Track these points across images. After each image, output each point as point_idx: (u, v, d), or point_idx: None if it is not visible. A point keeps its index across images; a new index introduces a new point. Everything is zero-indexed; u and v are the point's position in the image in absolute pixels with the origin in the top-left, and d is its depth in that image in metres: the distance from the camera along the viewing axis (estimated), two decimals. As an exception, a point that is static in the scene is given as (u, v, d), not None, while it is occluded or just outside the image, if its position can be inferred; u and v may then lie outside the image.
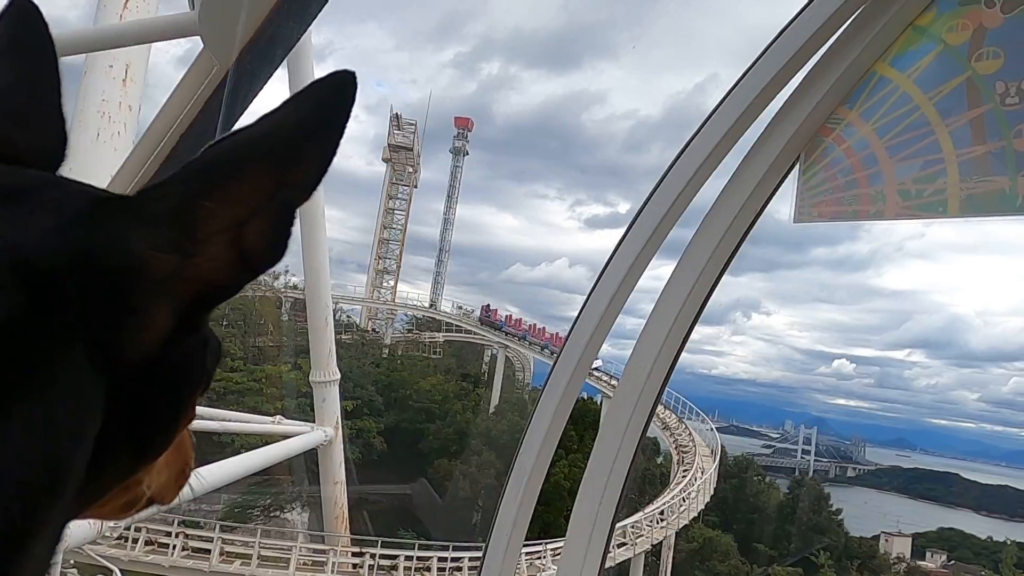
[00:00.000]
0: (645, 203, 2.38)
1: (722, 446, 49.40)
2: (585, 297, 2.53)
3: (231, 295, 0.47)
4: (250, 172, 0.44)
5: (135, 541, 22.62)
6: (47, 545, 0.41)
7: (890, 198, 1.99)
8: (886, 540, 53.83)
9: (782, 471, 77.72)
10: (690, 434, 38.54)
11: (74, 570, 14.61)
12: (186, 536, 23.73)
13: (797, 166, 2.13)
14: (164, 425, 0.50)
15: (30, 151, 0.52)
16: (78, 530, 9.00)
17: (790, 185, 2.14)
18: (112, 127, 6.48)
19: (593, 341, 2.45)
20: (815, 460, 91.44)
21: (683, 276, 2.33)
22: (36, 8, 0.58)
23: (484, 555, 2.37)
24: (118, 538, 20.87)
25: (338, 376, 14.32)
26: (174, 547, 23.24)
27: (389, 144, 65.76)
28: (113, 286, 0.43)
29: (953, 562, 54.12)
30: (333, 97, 0.46)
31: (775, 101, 2.14)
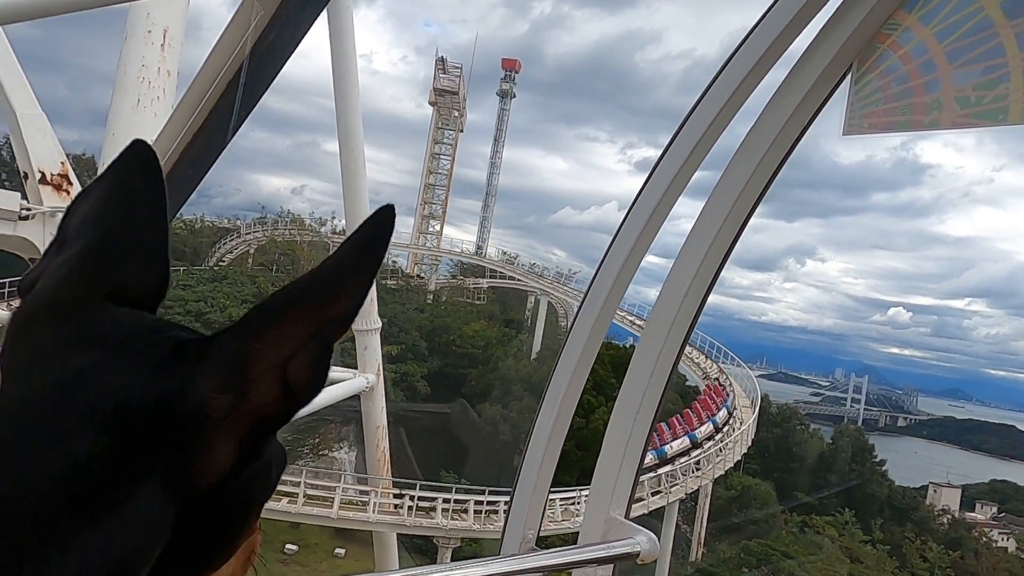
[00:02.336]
0: (680, 127, 2.18)
1: (764, 395, 49.22)
2: (615, 231, 2.38)
3: (282, 425, 0.54)
4: (294, 314, 0.50)
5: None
6: None
7: (947, 106, 1.83)
8: (934, 491, 53.25)
9: (830, 419, 77.17)
10: (731, 384, 38.39)
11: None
12: (237, 475, 24.70)
13: (849, 76, 1.92)
14: (227, 541, 0.57)
15: (140, 293, 0.58)
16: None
17: (838, 104, 1.93)
18: (152, 92, 6.60)
19: (620, 278, 2.30)
20: (865, 409, 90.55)
21: (723, 195, 2.14)
22: (152, 153, 0.63)
23: (512, 496, 2.29)
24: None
25: (379, 325, 14.62)
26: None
27: (435, 88, 65.31)
28: (183, 426, 0.49)
29: (1004, 514, 53.32)
30: (372, 232, 0.51)
31: (827, 8, 1.94)
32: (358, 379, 14.13)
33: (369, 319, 14.78)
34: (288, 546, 31.44)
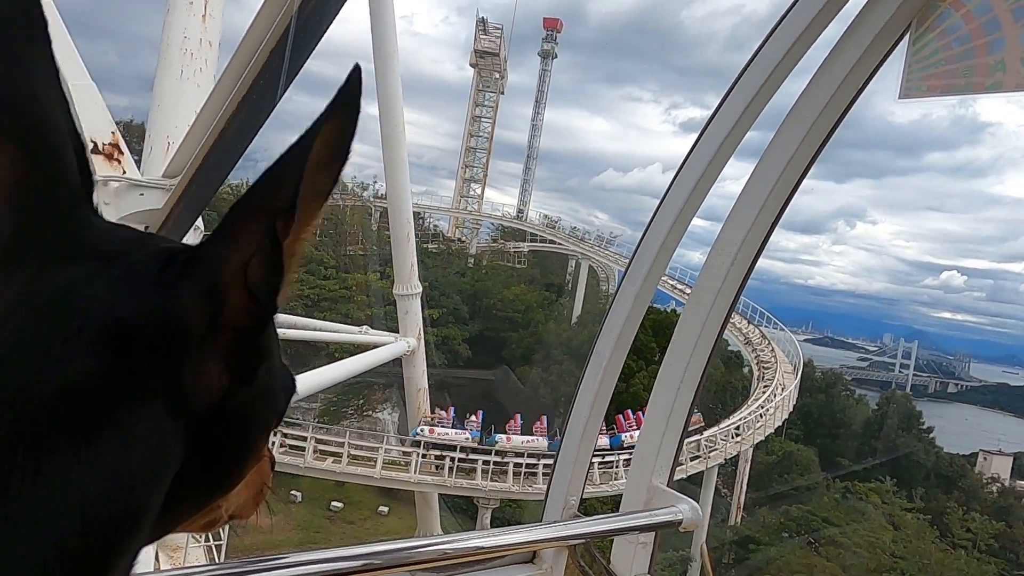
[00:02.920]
0: (732, 86, 2.12)
1: (809, 360, 48.48)
2: (662, 196, 2.34)
3: (256, 337, 0.52)
4: (245, 211, 0.48)
5: (238, 437, 24.46)
6: (124, 571, 0.46)
7: (1011, 67, 1.72)
8: (984, 459, 52.10)
9: (878, 385, 75.83)
10: (772, 350, 37.91)
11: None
12: (284, 435, 25.51)
13: (907, 36, 1.83)
14: (233, 465, 0.57)
15: (73, 192, 0.54)
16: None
17: (894, 61, 1.85)
18: (194, 64, 6.66)
19: (666, 246, 2.27)
20: (914, 375, 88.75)
21: (773, 159, 2.09)
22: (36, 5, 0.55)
23: (555, 462, 2.31)
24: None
25: (420, 289, 14.73)
26: (272, 443, 25.00)
27: (475, 50, 64.56)
28: (173, 343, 0.48)
29: (1057, 483, 52.08)
30: (315, 122, 0.48)
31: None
32: (399, 343, 14.31)
33: (409, 284, 14.91)
34: (334, 503, 32.28)
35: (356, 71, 0.49)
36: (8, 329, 0.45)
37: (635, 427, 28.61)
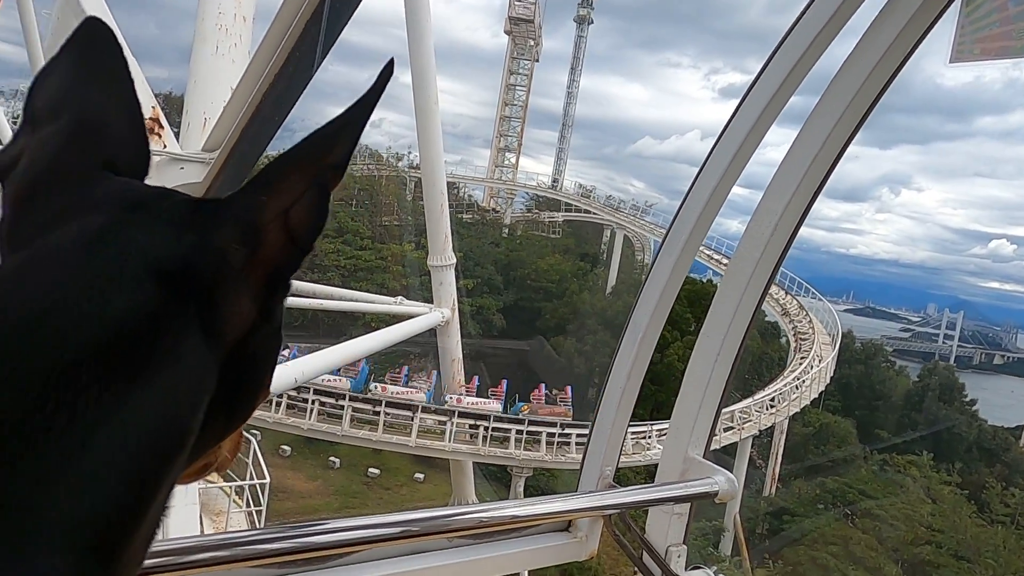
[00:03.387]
0: (775, 50, 2.07)
1: (848, 331, 47.69)
2: (701, 164, 2.30)
3: (290, 276, 0.57)
4: (295, 166, 0.53)
5: (278, 405, 25.03)
6: (167, 493, 0.50)
7: None
8: (1030, 432, 51.05)
9: (920, 356, 74.40)
10: (810, 321, 37.45)
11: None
12: (321, 403, 26.04)
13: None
14: (251, 397, 0.60)
15: (129, 170, 0.59)
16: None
17: (945, 23, 1.78)
18: (229, 39, 6.72)
19: (704, 216, 2.24)
20: (958, 346, 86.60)
21: (810, 137, 2.04)
22: (108, 28, 0.62)
23: (590, 432, 2.32)
24: (265, 404, 23.03)
25: (454, 260, 14.80)
26: (311, 411, 25.63)
27: (509, 16, 63.75)
28: (209, 279, 0.52)
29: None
30: (371, 90, 0.54)
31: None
32: (434, 314, 14.39)
33: (444, 255, 14.98)
34: (371, 470, 32.88)
35: (389, 66, 0.55)
36: (49, 268, 0.48)
37: (542, 403, 28.90)
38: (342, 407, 26.34)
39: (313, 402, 25.84)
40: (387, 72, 0.55)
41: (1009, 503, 32.58)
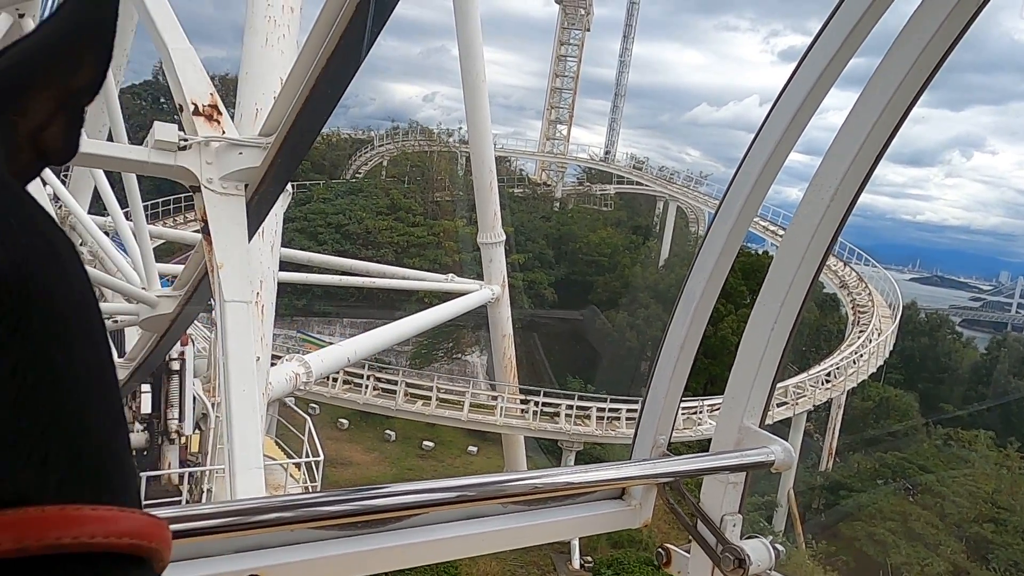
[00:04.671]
0: (825, 24, 2.00)
1: (912, 302, 46.17)
2: (756, 132, 2.25)
3: (31, 180, 0.56)
4: (40, 87, 0.53)
5: (335, 381, 25.63)
6: None
7: None
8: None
9: (992, 326, 71.68)
10: (870, 293, 36.42)
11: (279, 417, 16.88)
12: (376, 379, 26.59)
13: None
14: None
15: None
16: (278, 386, 10.86)
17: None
18: (277, 30, 6.88)
19: (761, 182, 2.19)
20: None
21: (870, 104, 1.97)
22: None
23: (644, 402, 2.32)
24: (323, 380, 23.60)
25: (503, 237, 14.90)
26: (366, 387, 26.20)
27: (560, -15, 62.88)
28: None
29: None
30: (96, 6, 0.53)
31: None
32: (484, 291, 14.51)
33: (493, 232, 15.07)
34: (425, 443, 33.46)
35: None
36: None
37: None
38: (396, 382, 26.88)
39: (368, 378, 26.41)
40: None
41: None
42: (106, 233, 12.13)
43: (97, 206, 13.78)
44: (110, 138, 8.46)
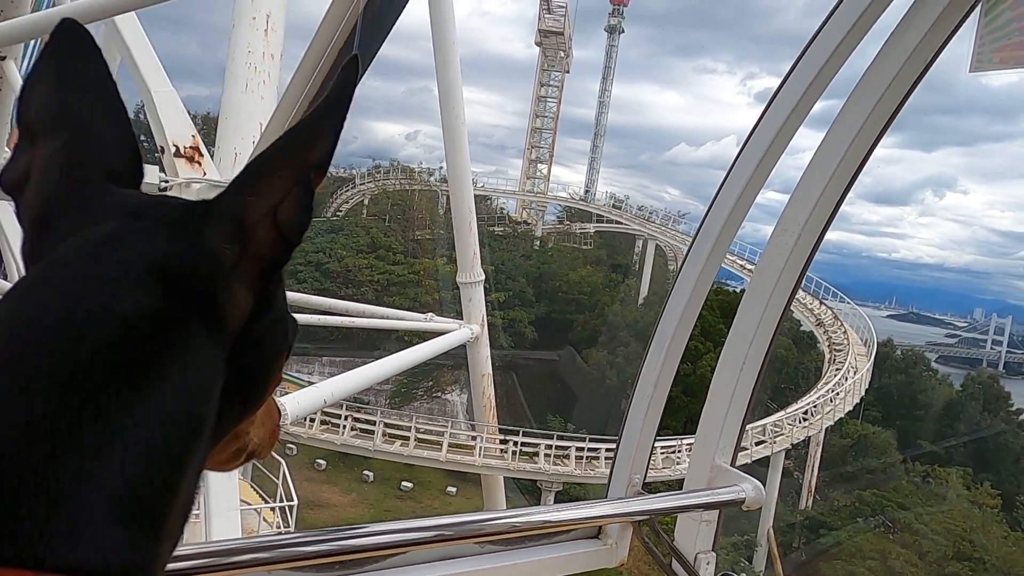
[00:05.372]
0: (794, 66, 2.09)
1: (887, 339, 46.64)
2: (726, 171, 2.32)
3: (283, 266, 0.61)
4: (277, 166, 0.57)
5: (312, 421, 25.39)
6: (195, 477, 0.54)
7: None
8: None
9: (967, 362, 72.41)
10: (845, 331, 36.80)
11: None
12: (354, 419, 26.35)
13: (979, 7, 1.77)
14: (261, 383, 0.65)
15: (127, 178, 0.63)
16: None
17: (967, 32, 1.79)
18: (258, 76, 6.94)
19: (731, 220, 2.25)
20: (1008, 352, 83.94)
21: (835, 143, 2.05)
22: (86, 30, 0.64)
23: (619, 440, 2.35)
24: (299, 421, 23.37)
25: (482, 277, 14.93)
26: (344, 427, 25.97)
27: (539, 29, 64.06)
28: (205, 276, 0.56)
29: None
30: (341, 80, 0.58)
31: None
32: (463, 330, 14.48)
33: (473, 272, 15.13)
34: (404, 484, 33.00)
35: (353, 62, 0.60)
36: (61, 276, 0.52)
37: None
38: (374, 422, 26.63)
39: (346, 418, 26.16)
40: (351, 69, 0.59)
41: None
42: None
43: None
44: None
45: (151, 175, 5.10)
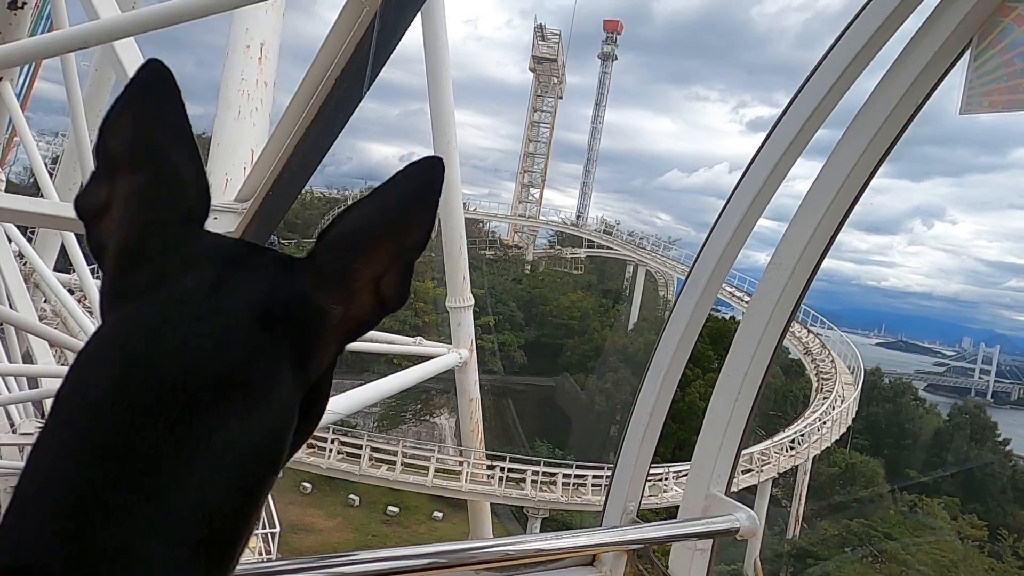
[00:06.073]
0: (793, 98, 2.13)
1: (876, 368, 46.70)
2: (725, 201, 2.35)
3: (371, 329, 0.66)
4: (381, 240, 0.62)
5: (297, 444, 25.16)
6: (261, 510, 0.59)
7: None
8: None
9: (955, 391, 72.53)
10: (832, 360, 36.87)
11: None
12: (341, 442, 26.12)
13: (968, 52, 1.81)
14: (315, 424, 0.68)
15: (201, 217, 0.66)
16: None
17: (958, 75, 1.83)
18: (250, 104, 6.98)
19: (729, 249, 2.28)
20: (995, 381, 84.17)
21: (831, 176, 2.09)
22: (169, 71, 0.67)
23: (614, 469, 2.35)
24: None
25: (472, 302, 15.00)
26: (330, 451, 25.72)
27: (533, 56, 64.71)
28: (311, 331, 0.61)
29: None
30: (428, 178, 0.63)
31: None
32: (451, 355, 14.47)
33: (462, 296, 15.15)
34: (390, 508, 32.68)
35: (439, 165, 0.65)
36: (179, 317, 0.57)
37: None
38: (360, 446, 26.42)
39: (332, 441, 25.93)
40: (436, 168, 0.64)
41: (1022, 554, 31.57)
42: (71, 291, 11.93)
43: (62, 262, 13.60)
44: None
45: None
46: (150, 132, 0.65)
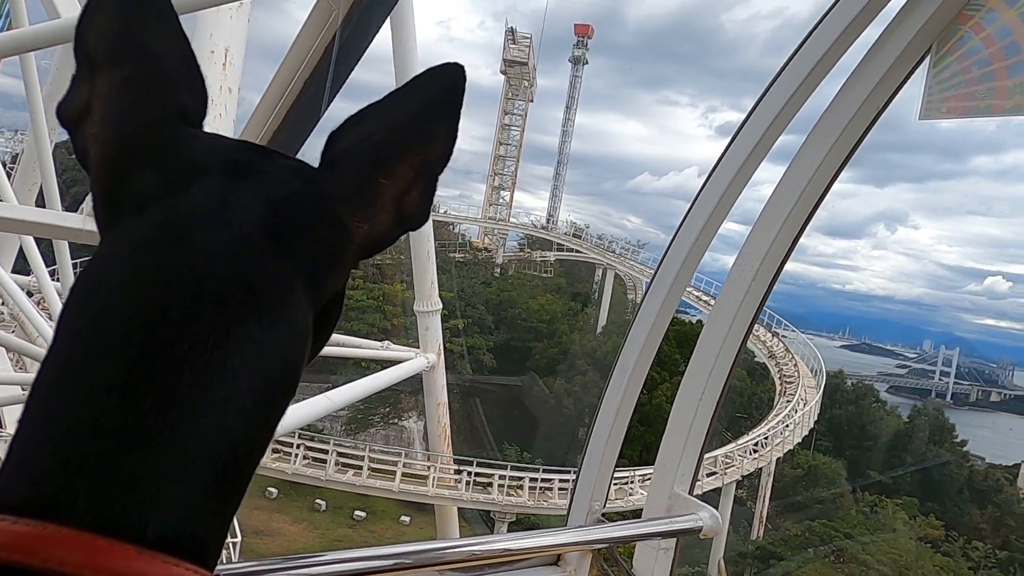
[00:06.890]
0: (758, 102, 2.17)
1: (839, 370, 47.54)
2: (689, 204, 2.38)
3: (388, 246, 0.63)
4: (405, 155, 0.60)
5: (262, 449, 24.81)
6: (276, 426, 0.56)
7: None
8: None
9: (916, 392, 74.16)
10: (795, 364, 37.45)
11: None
12: (307, 447, 25.83)
13: (928, 59, 1.87)
14: (319, 349, 0.64)
15: (197, 115, 0.61)
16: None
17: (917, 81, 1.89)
18: (214, 110, 6.91)
19: (693, 254, 2.31)
20: (955, 383, 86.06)
21: (794, 180, 2.13)
22: None
23: (579, 469, 2.36)
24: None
25: (440, 306, 15.02)
26: (295, 456, 25.42)
27: (504, 59, 64.81)
28: (328, 248, 0.58)
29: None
30: (450, 85, 0.61)
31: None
32: (419, 359, 14.47)
33: (430, 300, 15.18)
34: (357, 512, 32.43)
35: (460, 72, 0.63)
36: (192, 238, 0.52)
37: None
38: (327, 450, 26.17)
39: (298, 446, 25.66)
40: (458, 76, 0.62)
41: (972, 556, 32.40)
42: (29, 294, 11.66)
43: (20, 263, 13.31)
44: (41, 200, 8.20)
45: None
46: (132, 24, 0.59)
